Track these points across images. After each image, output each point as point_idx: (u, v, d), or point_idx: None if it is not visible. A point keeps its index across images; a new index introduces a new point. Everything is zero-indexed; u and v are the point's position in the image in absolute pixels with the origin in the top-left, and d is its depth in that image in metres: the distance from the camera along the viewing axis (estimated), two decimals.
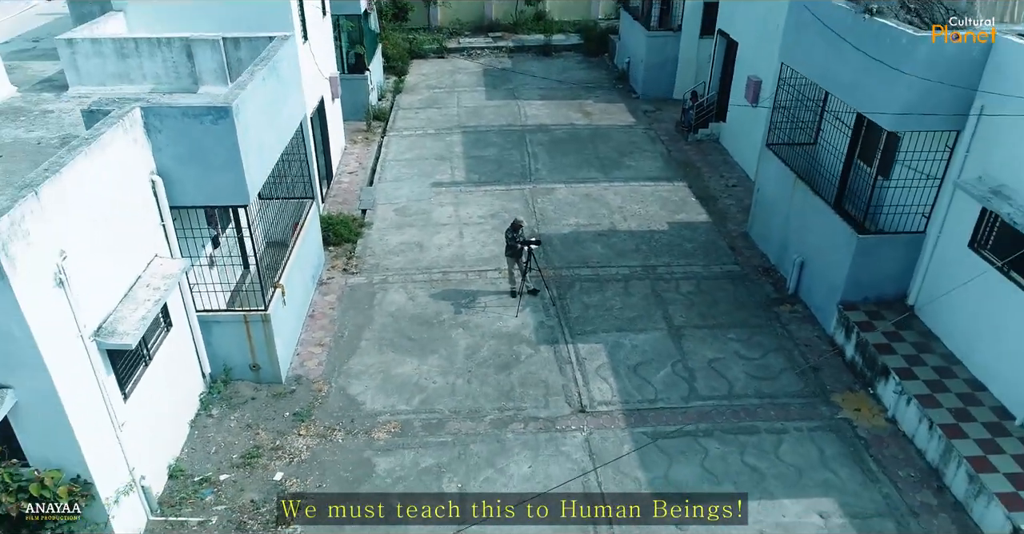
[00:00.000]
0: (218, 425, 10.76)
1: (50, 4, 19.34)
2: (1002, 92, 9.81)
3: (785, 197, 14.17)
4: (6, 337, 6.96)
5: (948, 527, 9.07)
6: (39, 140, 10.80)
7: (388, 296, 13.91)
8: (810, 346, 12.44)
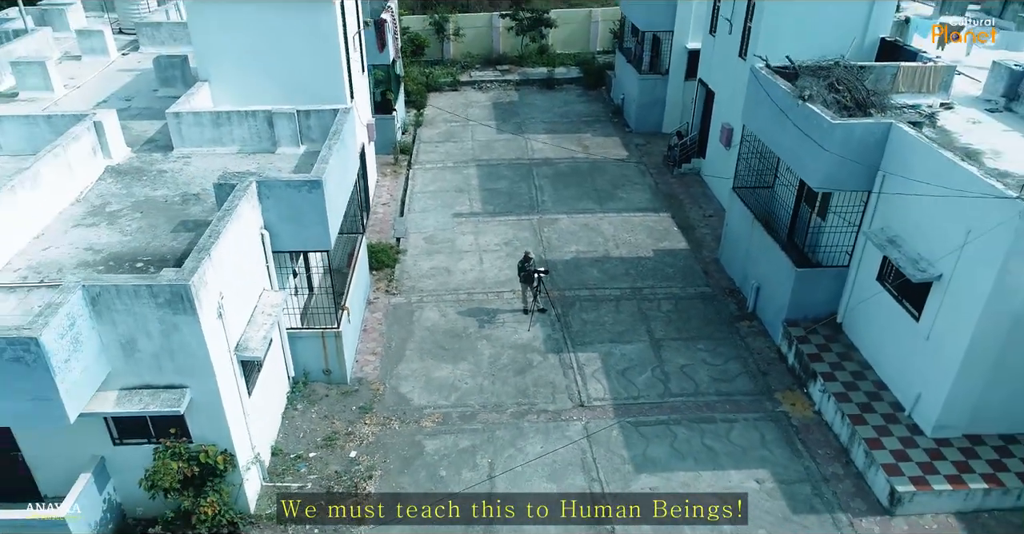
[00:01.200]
0: (302, 416, 14.03)
1: (126, 59, 22.55)
2: (897, 167, 13.08)
3: (746, 234, 17.47)
4: (189, 354, 10.23)
5: (850, 489, 12.34)
6: (164, 198, 14.05)
7: (424, 313, 17.19)
8: (761, 355, 15.72)
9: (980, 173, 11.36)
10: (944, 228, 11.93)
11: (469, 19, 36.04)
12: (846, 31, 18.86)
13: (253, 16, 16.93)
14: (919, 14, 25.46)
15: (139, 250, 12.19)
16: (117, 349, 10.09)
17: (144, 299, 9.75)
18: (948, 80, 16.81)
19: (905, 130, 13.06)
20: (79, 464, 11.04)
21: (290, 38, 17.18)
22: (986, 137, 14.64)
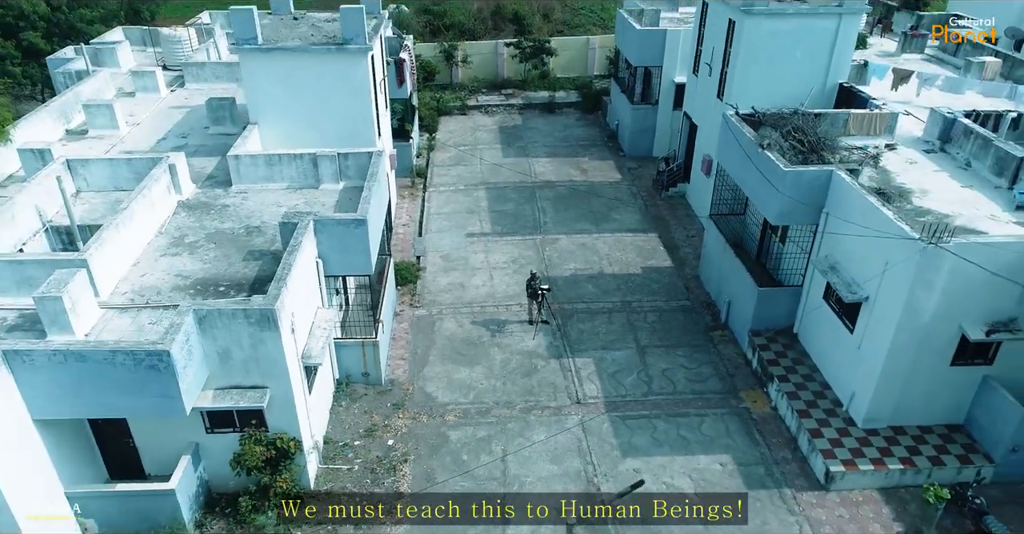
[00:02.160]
0: (346, 411, 16.88)
1: (175, 96, 25.37)
2: (835, 207, 15.94)
3: (719, 256, 20.33)
4: (271, 361, 13.07)
5: (795, 470, 15.19)
6: (231, 230, 16.89)
7: (444, 324, 20.04)
8: (730, 360, 18.57)
9: (894, 217, 14.17)
10: (870, 259, 14.78)
11: (476, 46, 38.90)
12: (809, 77, 21.69)
13: (295, 69, 19.77)
14: (882, 50, 28.45)
15: (218, 276, 15.03)
16: (215, 357, 12.94)
17: (239, 320, 12.60)
18: (892, 124, 19.66)
19: (842, 177, 15.91)
20: (179, 449, 13.87)
21: (327, 87, 20.02)
22: (919, 177, 17.47)
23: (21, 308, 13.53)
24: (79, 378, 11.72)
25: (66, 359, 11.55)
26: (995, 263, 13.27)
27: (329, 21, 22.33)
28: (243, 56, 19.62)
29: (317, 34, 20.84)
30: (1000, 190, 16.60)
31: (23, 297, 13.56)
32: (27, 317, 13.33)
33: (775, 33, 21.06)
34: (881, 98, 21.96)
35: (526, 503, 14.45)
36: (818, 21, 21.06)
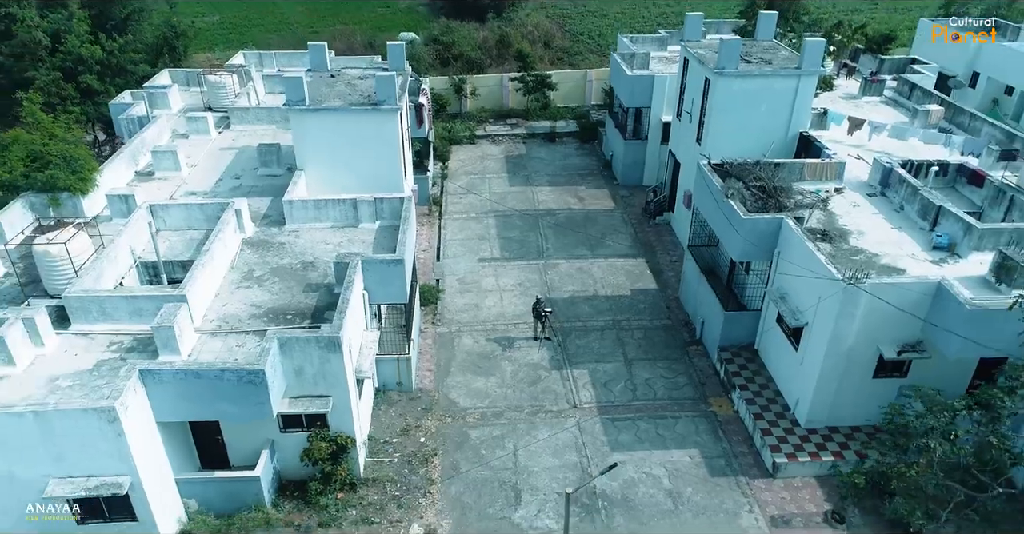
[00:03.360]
0: (384, 415, 20.51)
1: (222, 137, 28.96)
2: (784, 248, 19.59)
3: (695, 282, 23.99)
4: (334, 376, 16.70)
5: (749, 462, 18.81)
6: (290, 265, 20.51)
7: (462, 340, 23.68)
8: (702, 371, 22.21)
9: (825, 260, 17.80)
10: (809, 292, 18.42)
11: (483, 79, 42.55)
12: (773, 128, 25.34)
13: (337, 125, 23.38)
14: (846, 91, 32.06)
15: (285, 306, 18.66)
16: (292, 373, 16.58)
17: (311, 344, 16.25)
18: (841, 171, 23.29)
19: (789, 224, 19.54)
20: (258, 445, 17.50)
21: (364, 140, 23.62)
22: (859, 219, 21.13)
23: (134, 333, 17.17)
24: (193, 390, 15.35)
25: (186, 376, 15.20)
26: (901, 300, 16.90)
27: (362, 78, 25.94)
28: (293, 115, 23.25)
29: (353, 93, 24.47)
30: (923, 232, 20.26)
31: (135, 325, 17.22)
32: (139, 340, 16.99)
33: (744, 91, 24.71)
34: (839, 141, 25.75)
35: (534, 487, 18.09)
36: (780, 81, 24.71)
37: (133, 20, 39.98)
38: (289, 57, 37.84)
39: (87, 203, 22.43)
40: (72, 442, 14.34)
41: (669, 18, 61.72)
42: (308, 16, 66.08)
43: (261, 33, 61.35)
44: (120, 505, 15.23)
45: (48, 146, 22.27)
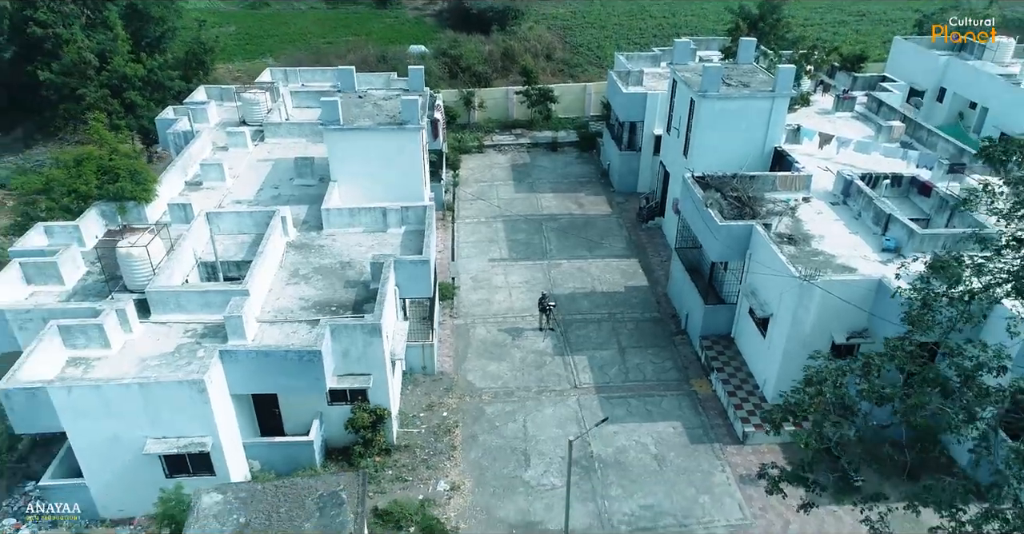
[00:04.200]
0: (411, 393, 23.80)
1: (258, 149, 32.21)
2: (754, 250, 22.89)
3: (681, 280, 27.29)
4: (375, 357, 19.99)
5: (723, 432, 22.10)
6: (330, 265, 23.79)
7: (476, 330, 26.97)
8: (686, 357, 25.51)
9: (786, 261, 21.09)
10: (774, 288, 21.71)
11: (489, 92, 45.85)
12: (751, 143, 28.57)
13: (366, 142, 26.65)
14: (822, 107, 35.29)
15: (329, 299, 21.94)
16: (340, 354, 19.87)
17: (357, 330, 19.55)
18: (808, 182, 26.56)
19: (758, 230, 22.84)
20: (308, 416, 20.80)
21: (390, 155, 26.91)
22: (821, 225, 24.42)
23: (205, 322, 20.46)
24: (262, 367, 18.64)
25: (256, 355, 18.50)
26: (849, 294, 20.19)
27: (387, 99, 29.22)
28: (328, 133, 26.53)
29: (380, 113, 27.75)
30: (876, 236, 23.54)
31: (206, 315, 20.50)
32: (209, 328, 20.26)
33: (724, 110, 27.98)
34: (811, 155, 29.03)
35: (541, 453, 21.40)
36: (756, 102, 27.98)
37: (167, 38, 43.30)
38: (312, 73, 41.05)
39: (148, 210, 25.70)
40: (167, 408, 17.65)
41: (665, 30, 64.86)
42: (320, 27, 68.88)
43: (276, 44, 64.29)
44: (201, 462, 18.53)
45: (115, 161, 25.54)
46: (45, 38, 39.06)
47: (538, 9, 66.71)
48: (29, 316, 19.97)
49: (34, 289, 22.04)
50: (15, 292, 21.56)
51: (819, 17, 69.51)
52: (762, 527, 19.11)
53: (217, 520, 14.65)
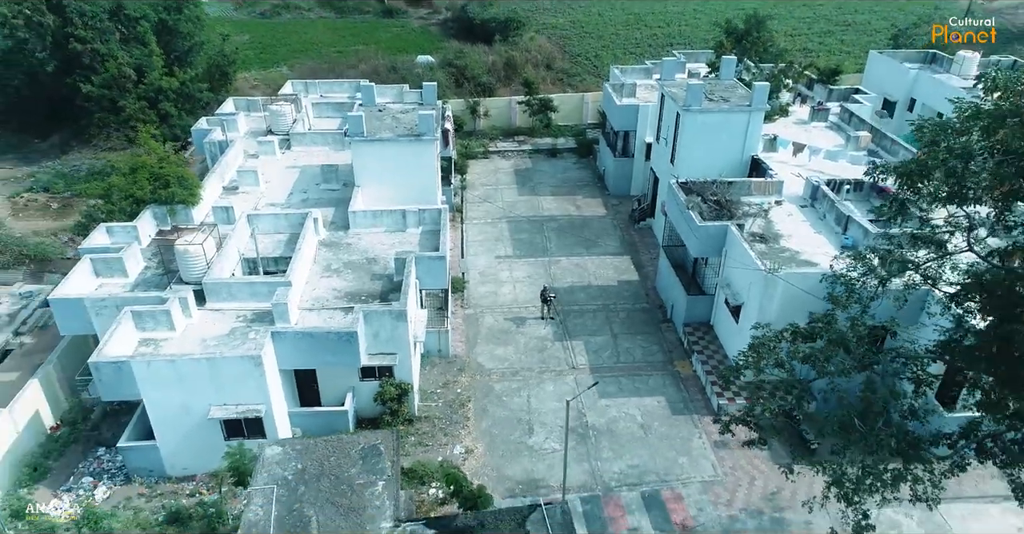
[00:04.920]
0: (429, 373, 27.11)
1: (286, 157, 35.48)
2: (729, 247, 26.23)
3: (667, 274, 30.62)
4: (400, 339, 23.30)
5: (701, 405, 25.41)
6: (357, 261, 27.09)
7: (485, 319, 30.28)
8: (671, 342, 28.83)
9: (754, 256, 24.40)
10: (745, 280, 25.03)
11: (493, 102, 49.18)
12: (731, 152, 31.84)
13: (388, 151, 29.96)
14: (799, 117, 38.56)
15: (359, 290, 25.24)
16: (371, 336, 23.17)
17: (386, 315, 22.85)
18: (780, 188, 29.84)
19: (732, 229, 26.15)
20: (341, 390, 24.10)
21: (408, 163, 30.20)
22: (790, 225, 27.71)
23: (253, 309, 23.74)
24: (306, 346, 21.95)
25: (302, 336, 21.82)
26: (807, 284, 23.46)
27: (404, 112, 32.53)
28: (354, 144, 29.84)
29: (399, 126, 31.05)
30: (837, 235, 26.83)
31: (254, 303, 23.79)
32: (257, 314, 23.55)
33: (706, 123, 31.27)
34: (785, 162, 32.32)
35: (543, 423, 24.73)
36: (734, 115, 31.27)
37: (194, 52, 46.61)
38: (330, 85, 44.35)
39: (194, 212, 28.98)
40: (228, 379, 20.96)
41: (660, 39, 68.18)
42: (330, 36, 72.02)
43: (289, 53, 67.34)
44: (255, 426, 21.84)
45: (164, 168, 28.83)
46: (84, 53, 42.33)
47: (538, 18, 70.05)
48: (104, 304, 23.25)
49: (102, 281, 25.34)
50: (86, 284, 24.87)
51: (807, 27, 72.67)
52: (731, 482, 22.41)
53: (279, 467, 17.96)
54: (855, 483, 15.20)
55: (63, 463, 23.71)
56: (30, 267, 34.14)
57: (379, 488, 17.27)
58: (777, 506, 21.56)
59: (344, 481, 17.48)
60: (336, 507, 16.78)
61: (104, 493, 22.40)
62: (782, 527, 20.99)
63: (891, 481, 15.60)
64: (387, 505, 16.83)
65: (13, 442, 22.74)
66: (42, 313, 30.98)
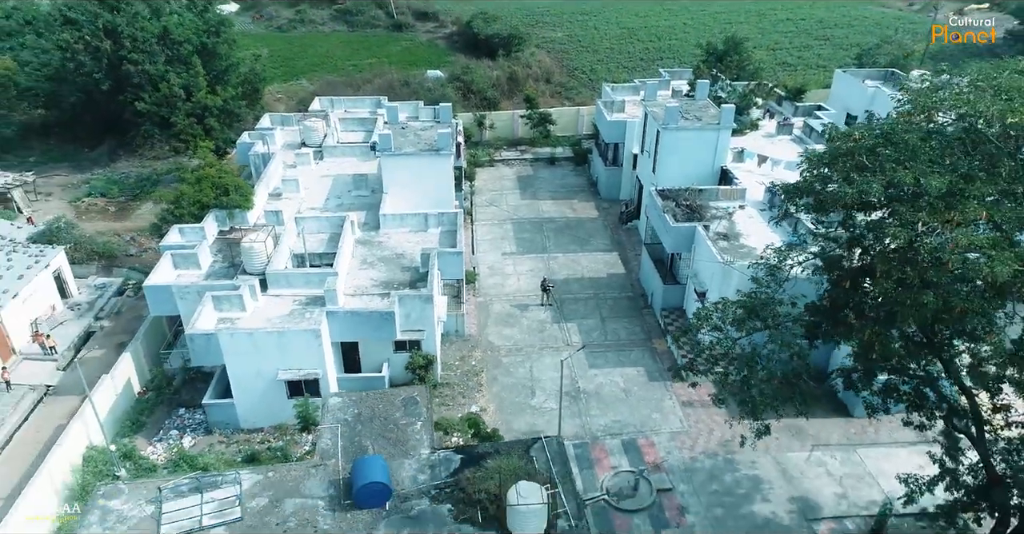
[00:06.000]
0: (448, 349, 32.57)
1: (319, 167, 40.86)
2: (696, 245, 31.71)
3: (648, 267, 36.12)
4: (427, 318, 28.74)
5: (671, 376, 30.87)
6: (388, 256, 32.55)
7: (493, 306, 35.76)
8: (650, 324, 34.31)
9: (716, 251, 29.85)
10: (708, 271, 30.48)
11: (498, 115, 54.67)
12: (703, 164, 37.27)
13: (411, 163, 35.39)
14: (767, 131, 44.02)
15: (391, 280, 30.70)
16: (404, 316, 28.61)
17: (416, 299, 28.32)
18: (743, 194, 35.33)
19: (699, 229, 31.62)
20: (378, 360, 29.54)
21: (428, 173, 35.62)
22: (750, 226, 33.19)
23: (307, 295, 29.18)
24: (353, 322, 27.42)
25: (351, 314, 27.29)
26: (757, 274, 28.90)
27: (424, 130, 37.98)
28: (383, 158, 35.30)
29: (420, 141, 36.50)
30: (789, 234, 32.26)
31: (307, 289, 29.21)
32: (310, 299, 28.96)
33: (682, 139, 36.72)
34: (752, 171, 37.76)
35: (543, 387, 30.20)
36: (706, 133, 36.74)
37: (230, 71, 52.05)
38: (352, 101, 49.79)
39: (249, 215, 34.42)
40: (293, 348, 26.41)
41: (651, 53, 73.60)
42: (343, 49, 77.22)
43: (307, 66, 72.60)
44: (312, 387, 27.29)
45: (223, 178, 34.27)
46: (135, 73, 47.76)
47: (538, 33, 75.52)
48: (187, 290, 28.70)
49: (180, 273, 30.79)
50: (168, 274, 30.32)
51: (788, 41, 78.03)
52: (694, 433, 27.88)
53: (340, 412, 23.39)
54: (757, 402, 20.52)
55: (152, 420, 29.18)
56: (100, 262, 39.61)
57: (418, 426, 22.67)
58: (729, 450, 26.99)
59: (391, 422, 22.88)
60: (386, 439, 22.18)
61: (190, 442, 27.85)
62: (732, 466, 26.43)
63: (780, 402, 20.85)
64: (424, 438, 22.23)
65: (113, 402, 28.16)
66: (116, 301, 36.54)
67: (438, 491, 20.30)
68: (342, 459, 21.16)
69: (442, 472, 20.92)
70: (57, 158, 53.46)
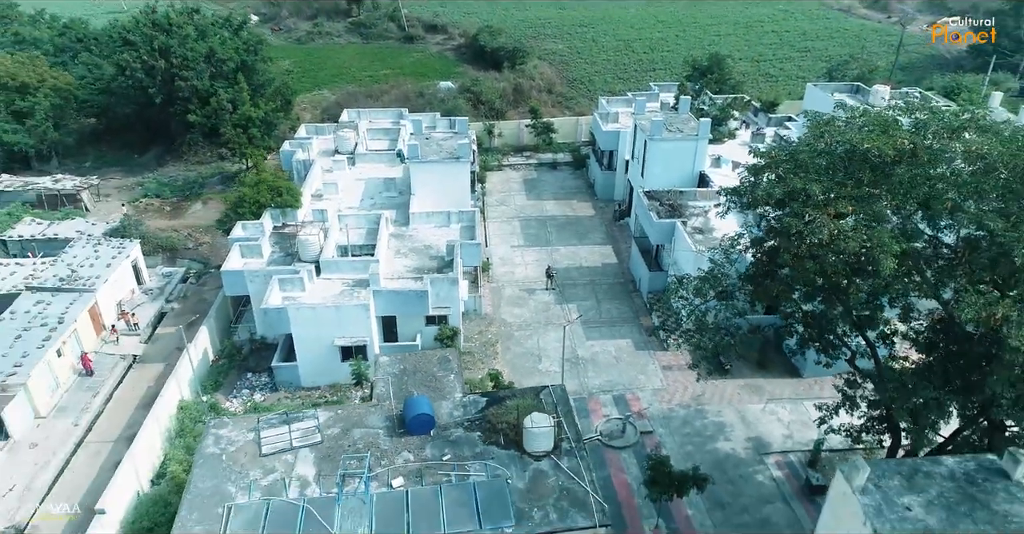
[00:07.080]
0: (468, 325, 38.80)
1: (353, 171, 47.10)
2: (676, 237, 38.00)
3: (637, 257, 42.41)
4: (453, 297, 34.96)
5: (657, 345, 37.10)
6: (418, 247, 38.79)
7: (505, 291, 42.04)
8: (637, 305, 40.58)
9: (691, 242, 36.11)
10: (685, 258, 36.73)
11: (505, 124, 60.97)
12: (684, 169, 43.55)
13: (435, 169, 41.64)
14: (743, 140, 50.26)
15: (422, 267, 36.94)
16: (434, 295, 34.83)
17: (444, 281, 34.58)
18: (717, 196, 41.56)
19: (678, 225, 37.90)
20: (412, 331, 35.76)
21: (449, 178, 41.85)
22: (722, 222, 39.44)
23: (353, 279, 35.41)
24: (393, 299, 33.68)
25: (392, 293, 33.56)
26: None
27: (444, 140, 44.25)
28: (412, 164, 41.57)
29: (441, 150, 42.76)
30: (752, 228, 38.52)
31: (354, 274, 35.44)
32: (356, 281, 35.20)
33: (666, 148, 42.98)
34: (728, 175, 43.99)
35: (548, 355, 36.47)
36: (687, 143, 42.99)
37: (266, 85, 58.31)
38: (376, 112, 56.02)
39: (298, 213, 40.67)
40: (346, 320, 32.67)
41: (644, 64, 79.88)
42: (359, 60, 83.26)
43: (327, 77, 78.68)
44: (361, 351, 33.53)
45: (276, 182, 40.53)
46: (184, 88, 54.01)
47: (541, 45, 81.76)
48: (256, 274, 34.96)
49: (246, 261, 37.05)
50: (238, 262, 36.57)
51: (771, 52, 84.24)
52: (671, 389, 34.16)
53: (389, 367, 29.62)
54: (710, 350, 26.89)
55: (227, 382, 35.44)
56: (164, 254, 45.89)
57: (451, 377, 28.88)
58: (700, 402, 33.26)
59: (430, 374, 29.09)
60: (427, 387, 28.37)
61: (260, 398, 34.12)
62: (701, 415, 32.70)
63: (722, 349, 27.20)
64: (457, 386, 28.43)
65: (196, 366, 34.41)
66: (181, 287, 42.83)
67: (470, 423, 26.51)
68: (394, 400, 27.41)
69: (472, 410, 27.14)
70: (110, 162, 59.75)
